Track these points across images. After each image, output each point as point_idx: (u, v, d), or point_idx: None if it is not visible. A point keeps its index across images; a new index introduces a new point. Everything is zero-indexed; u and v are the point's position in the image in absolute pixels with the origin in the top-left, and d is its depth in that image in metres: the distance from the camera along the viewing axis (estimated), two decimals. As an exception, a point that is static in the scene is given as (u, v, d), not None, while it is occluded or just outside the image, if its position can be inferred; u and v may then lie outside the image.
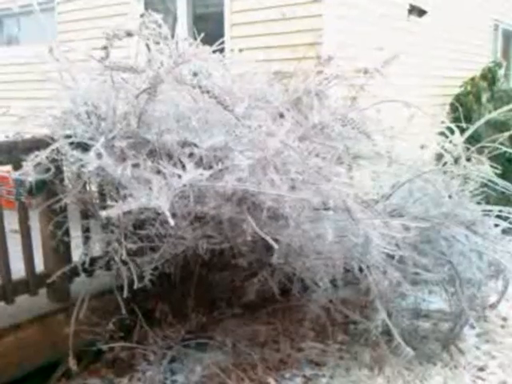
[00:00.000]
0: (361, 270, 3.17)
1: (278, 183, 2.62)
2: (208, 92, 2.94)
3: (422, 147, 4.91)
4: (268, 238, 2.41)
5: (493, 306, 4.08)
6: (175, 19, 5.76)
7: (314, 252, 2.93)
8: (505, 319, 4.09)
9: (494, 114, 5.71)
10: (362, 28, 5.33)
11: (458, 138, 4.87)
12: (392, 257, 3.30)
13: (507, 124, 6.23)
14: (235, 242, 2.75)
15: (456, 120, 5.97)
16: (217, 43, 3.67)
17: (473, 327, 3.90)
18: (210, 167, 2.65)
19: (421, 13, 6.03)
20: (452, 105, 6.65)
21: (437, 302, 4.07)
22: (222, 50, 4.11)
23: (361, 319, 3.55)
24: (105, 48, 3.27)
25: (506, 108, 5.80)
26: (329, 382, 3.32)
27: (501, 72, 7.13)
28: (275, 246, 2.42)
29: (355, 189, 3.06)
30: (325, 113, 3.59)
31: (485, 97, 6.48)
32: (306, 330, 3.90)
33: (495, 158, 4.87)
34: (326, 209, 2.81)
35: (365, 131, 3.67)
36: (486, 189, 4.45)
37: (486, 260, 3.78)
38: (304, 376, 3.33)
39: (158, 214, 2.47)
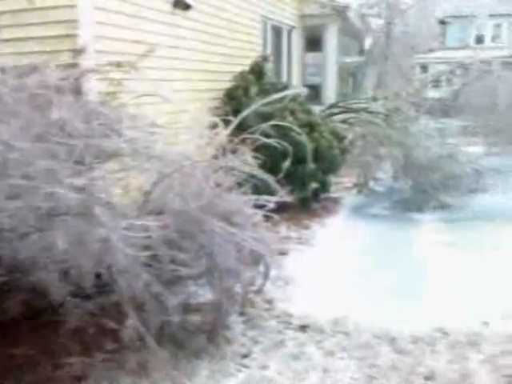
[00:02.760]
0: (112, 275, 3.00)
1: (-8, 191, 2.32)
2: None
3: (189, 140, 4.91)
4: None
5: (259, 291, 4.25)
6: None
7: (52, 262, 2.68)
8: (270, 302, 4.28)
9: (258, 105, 6.01)
10: (123, 21, 5.13)
11: (223, 131, 4.99)
12: (150, 257, 3.21)
13: (274, 115, 6.59)
14: None
15: (228, 113, 6.13)
16: None
17: (240, 314, 4.01)
18: None
19: (186, 7, 6.04)
20: (224, 98, 6.84)
21: (206, 294, 4.09)
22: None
23: (120, 326, 3.38)
24: None
25: (267, 99, 6.15)
26: (91, 397, 3.11)
27: (268, 66, 7.54)
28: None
29: (98, 189, 2.88)
30: (67, 109, 3.33)
31: (253, 90, 6.77)
32: (70, 344, 3.61)
33: (264, 148, 5.10)
34: (59, 214, 2.58)
35: (114, 128, 3.50)
36: (254, 179, 4.61)
37: (247, 248, 3.90)
38: (62, 395, 3.07)
39: None
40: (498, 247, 5.71)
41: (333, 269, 5.18)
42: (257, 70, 7.16)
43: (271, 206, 4.06)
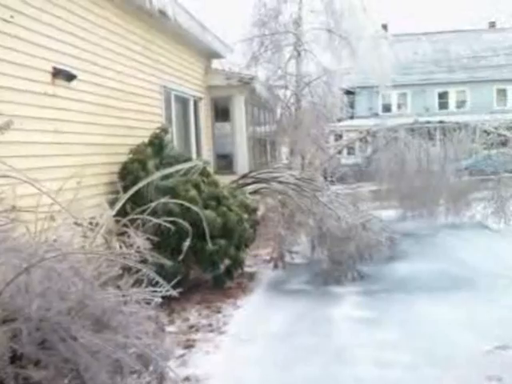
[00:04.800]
0: None
1: None
2: None
3: (66, 225, 4.19)
4: None
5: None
6: None
7: None
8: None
9: (153, 179, 5.42)
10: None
11: (109, 212, 4.37)
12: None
13: (176, 189, 6.03)
14: None
15: (126, 189, 5.49)
16: None
17: None
18: None
19: (69, 77, 5.47)
20: (120, 173, 6.22)
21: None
22: None
23: None
24: None
25: (160, 172, 5.60)
26: None
27: (168, 137, 7.02)
28: None
29: None
30: None
31: (151, 163, 6.19)
32: None
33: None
34: None
35: None
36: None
37: (134, 353, 3.20)
38: None
39: None
40: (418, 322, 5.35)
41: (247, 362, 4.52)
42: (156, 143, 6.61)
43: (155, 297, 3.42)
